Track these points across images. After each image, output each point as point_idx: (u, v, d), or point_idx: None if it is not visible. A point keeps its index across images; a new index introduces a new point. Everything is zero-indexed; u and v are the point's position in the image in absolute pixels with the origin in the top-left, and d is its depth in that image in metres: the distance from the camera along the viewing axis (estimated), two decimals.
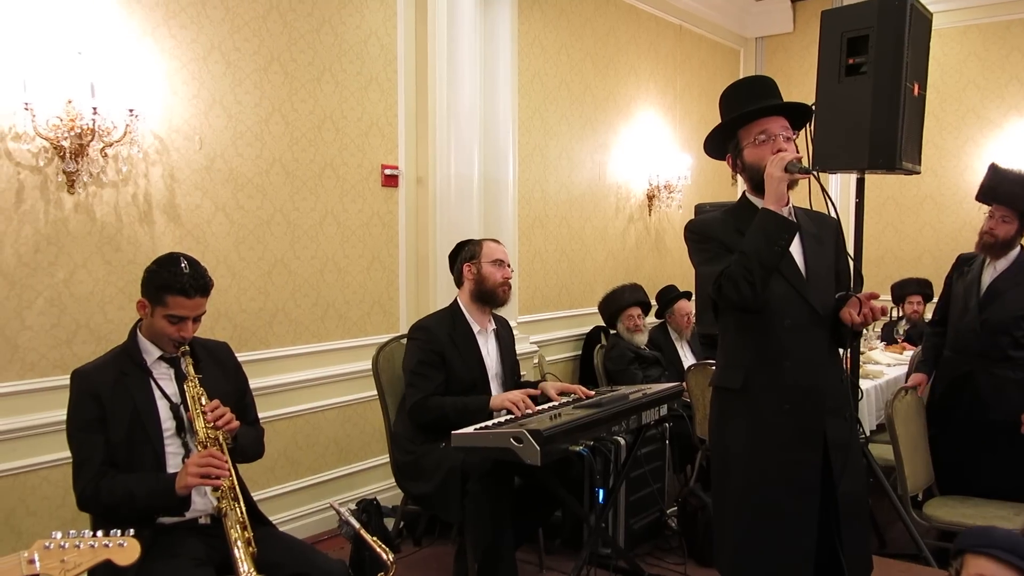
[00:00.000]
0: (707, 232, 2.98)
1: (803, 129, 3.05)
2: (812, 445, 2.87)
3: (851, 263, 3.11)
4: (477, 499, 3.53)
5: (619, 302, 6.07)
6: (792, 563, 2.86)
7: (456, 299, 4.11)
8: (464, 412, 3.73)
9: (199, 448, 2.77)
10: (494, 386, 4.03)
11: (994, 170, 4.34)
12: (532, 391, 3.91)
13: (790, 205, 2.91)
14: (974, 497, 4.16)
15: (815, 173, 2.80)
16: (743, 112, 2.92)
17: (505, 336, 4.21)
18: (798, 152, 2.87)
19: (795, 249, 2.91)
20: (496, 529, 3.56)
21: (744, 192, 3.02)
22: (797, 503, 2.86)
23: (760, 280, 2.75)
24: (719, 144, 3.05)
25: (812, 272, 2.92)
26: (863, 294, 2.78)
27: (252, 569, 2.63)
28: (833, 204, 2.92)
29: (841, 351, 3.05)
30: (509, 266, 4.08)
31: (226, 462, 2.71)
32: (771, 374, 2.90)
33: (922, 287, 6.99)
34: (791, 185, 2.83)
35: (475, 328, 4.03)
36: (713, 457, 3.14)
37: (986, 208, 4.36)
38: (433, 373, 3.87)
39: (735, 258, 2.79)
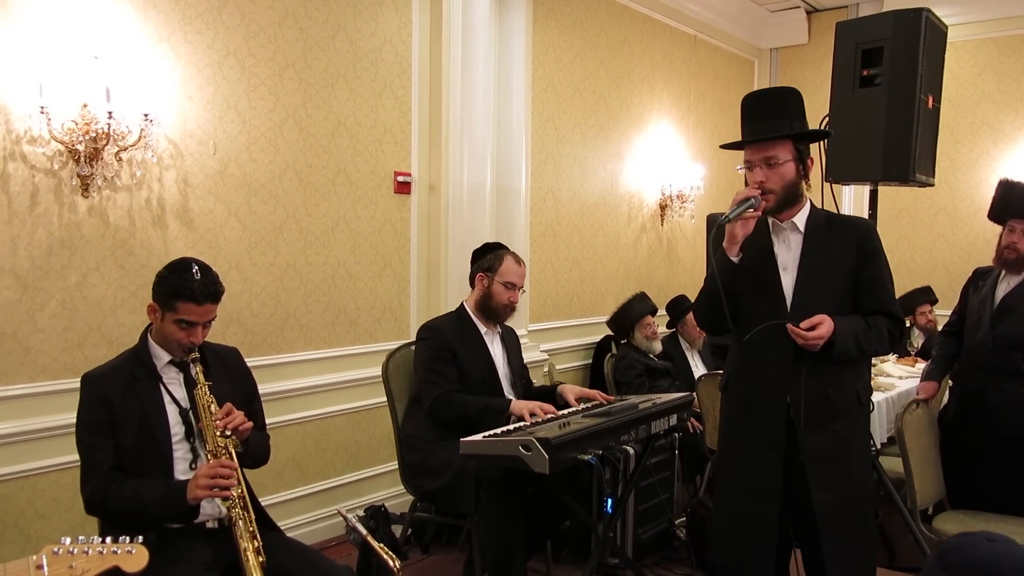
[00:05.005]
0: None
1: (819, 142, 3.22)
2: (775, 452, 3.00)
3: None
4: (488, 507, 3.52)
5: (633, 314, 6.04)
6: (754, 558, 3.05)
7: (463, 303, 4.15)
8: (485, 412, 3.75)
9: (209, 457, 2.77)
10: (505, 386, 4.06)
11: (1009, 185, 4.31)
12: (548, 406, 3.80)
13: (805, 209, 3.04)
14: (985, 512, 4.13)
15: (727, 219, 2.90)
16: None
17: (511, 340, 4.24)
18: (760, 186, 2.94)
19: (789, 262, 3.02)
20: (506, 539, 3.54)
21: None
22: (756, 506, 3.03)
23: (712, 312, 3.05)
24: None
25: (801, 287, 2.99)
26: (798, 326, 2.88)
27: None
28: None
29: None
30: (522, 289, 4.10)
31: (235, 471, 2.70)
32: (741, 381, 3.16)
33: (927, 295, 6.92)
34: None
35: (482, 330, 4.08)
36: None
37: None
38: (447, 369, 3.89)
39: (701, 289, 3.14)
